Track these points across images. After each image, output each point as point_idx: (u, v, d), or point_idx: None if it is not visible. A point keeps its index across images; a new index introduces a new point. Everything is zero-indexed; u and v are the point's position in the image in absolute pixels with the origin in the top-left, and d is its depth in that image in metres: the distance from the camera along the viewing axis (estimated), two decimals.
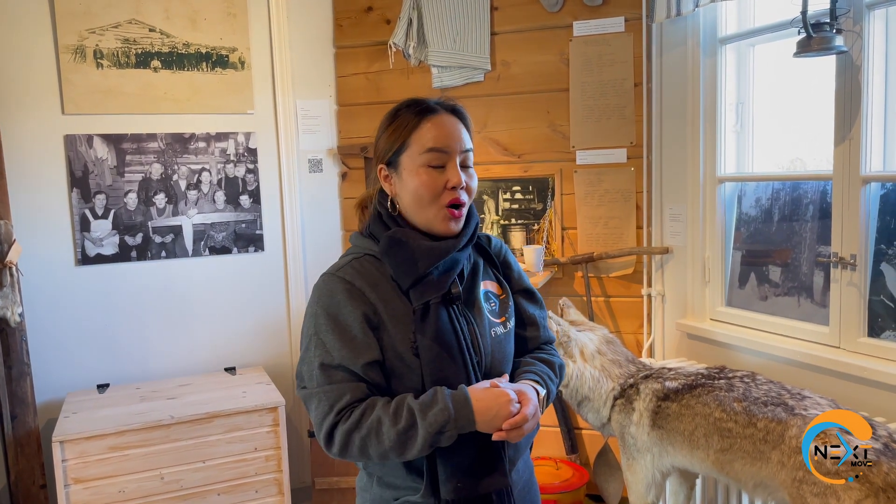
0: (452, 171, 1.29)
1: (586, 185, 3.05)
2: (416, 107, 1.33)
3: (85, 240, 2.99)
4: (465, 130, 1.34)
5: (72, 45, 2.92)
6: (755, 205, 2.69)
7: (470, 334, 1.32)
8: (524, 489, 1.43)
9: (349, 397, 1.24)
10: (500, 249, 1.49)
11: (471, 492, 1.28)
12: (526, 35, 3.07)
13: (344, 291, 1.29)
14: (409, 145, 1.31)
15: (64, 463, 2.46)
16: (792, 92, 2.60)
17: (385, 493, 1.35)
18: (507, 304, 1.41)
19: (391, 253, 1.31)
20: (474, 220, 1.38)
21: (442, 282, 1.30)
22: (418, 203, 1.30)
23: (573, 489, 2.89)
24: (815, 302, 2.42)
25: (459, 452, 1.27)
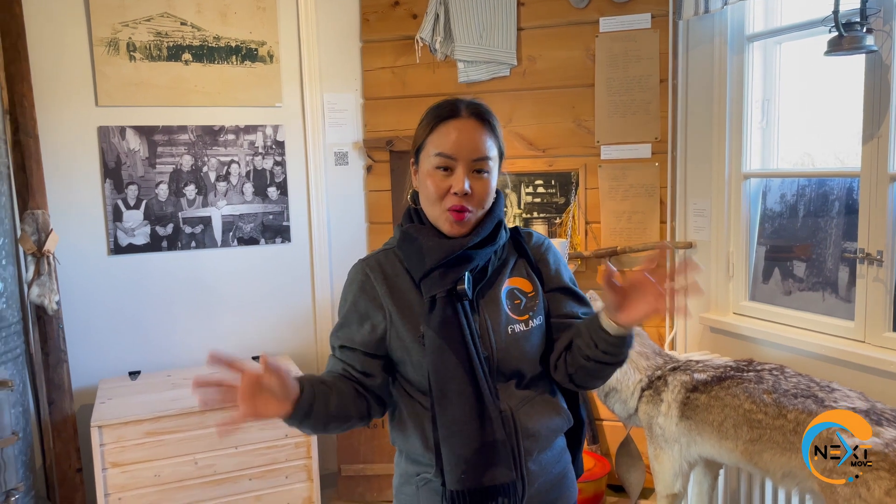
0: (456, 178, 1.32)
1: (611, 179, 3.09)
2: (443, 109, 1.37)
3: (117, 230, 3.04)
4: (487, 136, 1.36)
5: (105, 38, 2.97)
6: (780, 201, 2.73)
7: (480, 330, 1.36)
8: (551, 484, 1.43)
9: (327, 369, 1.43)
10: (539, 246, 1.49)
11: (474, 483, 1.31)
12: (552, 30, 3.10)
13: (358, 281, 1.42)
14: (425, 146, 1.37)
15: (102, 447, 2.52)
16: (818, 90, 2.63)
17: (410, 468, 1.42)
18: (534, 302, 1.43)
19: (404, 247, 1.40)
20: (494, 219, 1.40)
21: (448, 277, 1.34)
22: (427, 201, 1.37)
23: (594, 479, 2.94)
24: (839, 297, 2.46)
25: (463, 442, 1.31)
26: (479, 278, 1.39)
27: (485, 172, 1.35)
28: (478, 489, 1.32)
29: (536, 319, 1.41)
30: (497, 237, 1.41)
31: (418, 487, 1.40)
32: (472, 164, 1.34)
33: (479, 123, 1.36)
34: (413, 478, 1.41)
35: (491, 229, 1.39)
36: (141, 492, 2.58)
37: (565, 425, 1.46)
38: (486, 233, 1.38)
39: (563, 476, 1.47)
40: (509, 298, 1.40)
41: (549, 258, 1.48)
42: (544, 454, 1.42)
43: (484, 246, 1.38)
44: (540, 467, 1.41)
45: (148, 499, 2.59)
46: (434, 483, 1.36)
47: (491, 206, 1.40)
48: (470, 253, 1.36)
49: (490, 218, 1.39)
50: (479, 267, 1.39)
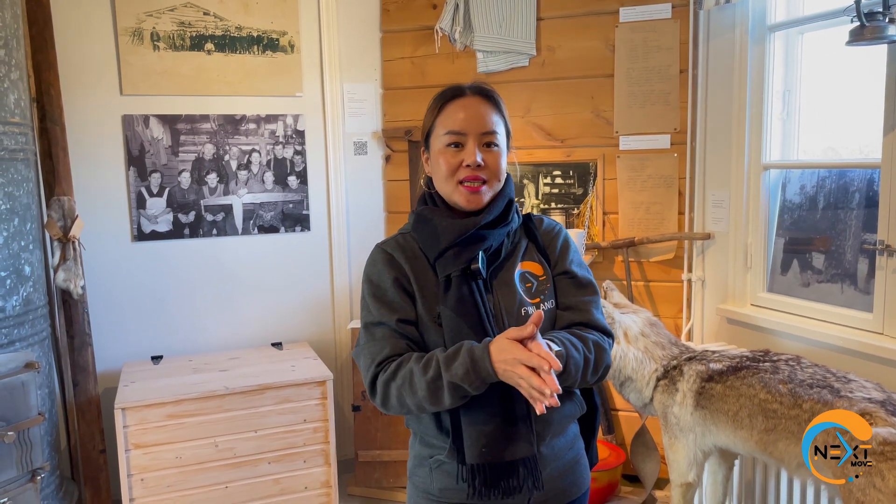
0: (468, 150, 1.37)
1: (629, 170, 3.09)
2: (447, 92, 1.42)
3: (141, 217, 3.10)
4: (493, 112, 1.40)
5: (130, 28, 3.01)
6: (800, 192, 2.71)
7: (494, 310, 1.38)
8: (563, 469, 1.44)
9: (388, 351, 1.36)
10: (550, 230, 1.51)
11: (496, 457, 1.33)
12: (572, 20, 3.10)
13: (383, 261, 1.42)
14: (434, 128, 1.41)
15: (125, 429, 2.57)
16: (841, 80, 2.61)
17: (423, 451, 1.44)
18: (545, 286, 1.44)
19: (419, 229, 1.43)
20: (505, 199, 1.42)
21: (463, 256, 1.37)
22: (441, 179, 1.40)
23: (609, 468, 2.96)
24: (858, 289, 2.44)
25: (484, 418, 1.33)
26: (492, 260, 1.41)
27: (494, 146, 1.39)
28: (499, 464, 1.34)
29: (548, 303, 1.43)
30: (509, 217, 1.43)
31: (432, 469, 1.42)
32: (482, 138, 1.38)
33: (483, 100, 1.41)
34: (427, 460, 1.43)
35: (503, 208, 1.42)
36: (162, 473, 2.63)
37: (578, 411, 1.48)
38: (499, 211, 1.41)
39: (575, 462, 1.48)
40: (522, 281, 1.43)
41: (558, 242, 1.49)
42: (557, 440, 1.44)
43: (497, 226, 1.41)
44: (552, 452, 1.43)
45: (169, 480, 2.64)
46: (447, 465, 1.39)
47: (502, 186, 1.43)
48: (483, 233, 1.39)
49: (502, 196, 1.42)
50: (493, 249, 1.41)
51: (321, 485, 2.84)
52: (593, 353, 1.39)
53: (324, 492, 2.85)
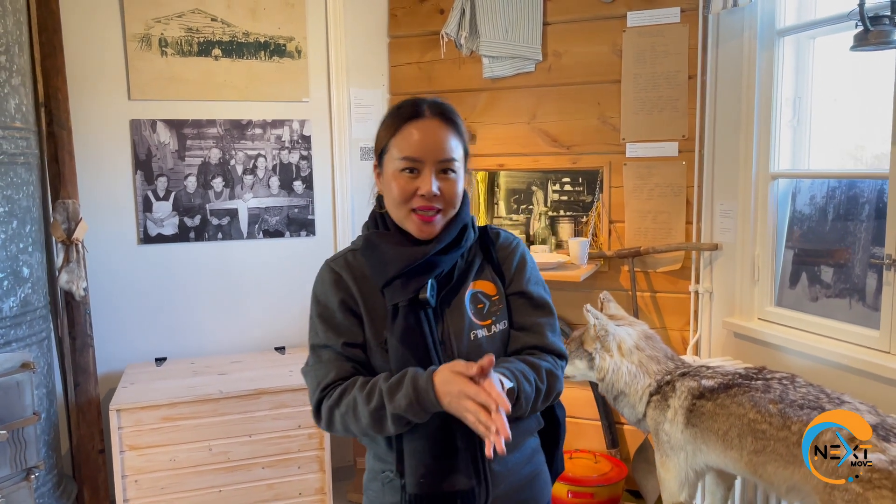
0: (424, 179, 1.30)
1: (636, 178, 3.01)
2: (405, 109, 1.34)
3: (147, 220, 3.14)
4: (452, 136, 1.33)
5: (138, 34, 3.06)
6: (809, 202, 2.61)
7: (442, 337, 1.34)
8: (520, 485, 1.41)
9: (334, 374, 1.33)
10: (506, 246, 1.45)
11: (434, 488, 1.30)
12: (579, 25, 3.05)
13: (330, 281, 1.38)
14: (389, 149, 1.34)
15: (120, 430, 2.60)
16: (853, 87, 2.51)
17: (376, 465, 1.42)
18: (498, 306, 1.39)
19: (367, 254, 1.38)
20: (459, 223, 1.37)
21: (411, 286, 1.32)
22: (393, 204, 1.34)
23: (610, 483, 2.88)
24: (866, 305, 2.34)
25: (424, 448, 1.30)
26: (445, 282, 1.37)
27: (451, 172, 1.33)
28: (436, 494, 1.31)
29: (500, 324, 1.39)
30: (463, 241, 1.38)
31: (384, 484, 1.40)
32: (439, 165, 1.32)
33: (443, 123, 1.33)
34: (379, 474, 1.41)
35: (455, 234, 1.36)
36: (157, 475, 2.65)
37: (534, 427, 1.44)
38: (451, 238, 1.36)
39: (533, 477, 1.45)
40: (473, 302, 1.38)
41: (514, 259, 1.44)
42: (511, 456, 1.40)
43: (449, 251, 1.36)
44: (506, 469, 1.39)
45: (163, 482, 2.66)
46: (396, 482, 1.36)
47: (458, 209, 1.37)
48: (434, 259, 1.34)
49: (455, 222, 1.37)
50: (445, 272, 1.36)
51: (315, 491, 2.83)
52: (545, 383, 1.36)
53: (318, 498, 2.84)
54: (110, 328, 3.10)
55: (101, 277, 3.06)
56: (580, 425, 3.22)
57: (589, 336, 2.35)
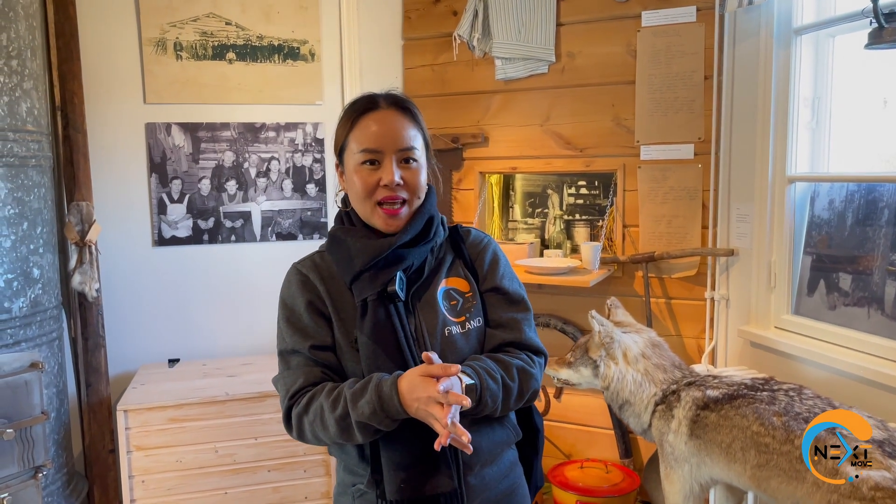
0: (385, 169, 1.29)
1: (650, 181, 2.94)
2: (360, 103, 1.33)
3: (161, 222, 3.17)
4: (410, 125, 1.32)
5: (154, 38, 3.09)
6: (828, 207, 2.51)
7: (415, 332, 1.31)
8: (496, 500, 1.37)
9: (302, 381, 1.29)
10: (477, 244, 1.44)
11: (415, 492, 1.26)
12: (592, 26, 2.99)
13: (298, 282, 1.36)
14: (348, 144, 1.33)
15: (127, 430, 2.62)
16: (875, 87, 2.40)
17: (347, 478, 1.38)
18: (471, 303, 1.37)
19: (332, 250, 1.36)
20: (424, 216, 1.35)
21: (379, 279, 1.29)
22: (357, 199, 1.33)
23: (621, 494, 2.81)
24: (885, 314, 2.23)
25: (402, 450, 1.26)
26: (415, 279, 1.34)
27: (412, 161, 1.32)
28: (418, 499, 1.27)
29: (474, 321, 1.36)
30: (430, 234, 1.36)
31: (354, 498, 1.36)
32: (400, 154, 1.30)
33: (399, 113, 1.33)
34: (349, 488, 1.37)
35: (422, 226, 1.34)
36: (163, 475, 2.67)
37: (511, 438, 1.40)
38: (417, 230, 1.34)
39: (511, 492, 1.40)
40: (446, 299, 1.35)
41: (486, 256, 1.42)
42: (488, 469, 1.36)
43: (417, 244, 1.33)
44: (482, 483, 1.35)
45: (170, 483, 2.67)
46: (369, 495, 1.32)
47: (422, 201, 1.35)
48: (401, 252, 1.32)
49: (421, 214, 1.35)
50: (415, 267, 1.34)
51: (321, 495, 2.82)
52: (516, 381, 1.32)
53: (324, 502, 2.82)
54: (125, 329, 3.14)
55: (116, 279, 3.10)
56: (592, 434, 3.16)
57: (594, 343, 2.29)
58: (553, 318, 3.12)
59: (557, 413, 3.17)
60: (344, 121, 1.35)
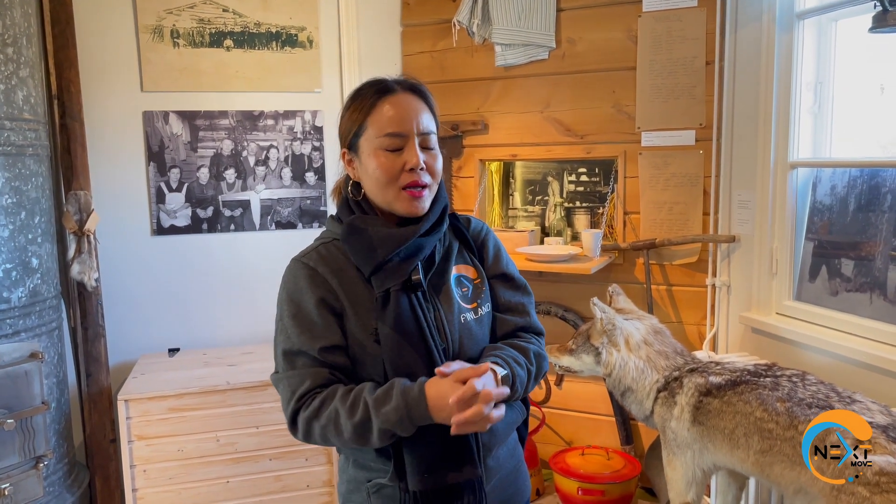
0: (410, 152, 1.26)
1: (651, 168, 2.93)
2: (374, 87, 1.30)
3: (160, 211, 3.15)
4: (426, 111, 1.30)
5: (150, 26, 3.06)
6: (830, 193, 2.50)
7: (435, 321, 1.30)
8: (506, 479, 1.39)
9: (310, 383, 1.24)
10: (479, 232, 1.45)
11: (439, 482, 1.25)
12: (593, 11, 2.97)
13: (306, 277, 1.30)
14: (366, 128, 1.29)
15: (128, 420, 2.62)
16: (878, 72, 2.39)
17: (359, 475, 1.35)
18: (480, 289, 1.37)
19: (351, 240, 1.30)
20: (441, 204, 1.35)
21: (402, 269, 1.27)
22: (378, 186, 1.28)
23: (623, 480, 2.81)
24: (888, 300, 2.23)
25: (425, 444, 1.24)
26: (428, 267, 1.33)
27: (432, 147, 1.31)
28: (442, 489, 1.26)
29: (485, 307, 1.37)
30: (443, 223, 1.36)
31: (370, 494, 1.33)
32: (422, 139, 1.28)
33: (415, 96, 1.31)
34: (364, 484, 1.34)
35: (439, 215, 1.34)
36: (165, 465, 2.67)
37: (520, 417, 1.42)
38: (436, 217, 1.33)
39: (517, 470, 1.43)
40: (457, 286, 1.35)
41: (489, 244, 1.44)
42: (501, 449, 1.38)
43: (431, 233, 1.32)
44: (497, 463, 1.37)
45: (171, 472, 2.67)
46: (389, 488, 1.30)
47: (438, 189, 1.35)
48: (420, 242, 1.30)
49: (438, 203, 1.34)
50: (427, 255, 1.33)
51: (323, 483, 2.82)
52: (535, 366, 1.36)
53: (326, 490, 2.82)
54: (125, 319, 3.13)
55: (115, 268, 3.09)
56: (594, 421, 3.16)
57: (596, 330, 2.28)
58: (554, 306, 3.12)
59: (558, 400, 3.17)
60: (356, 106, 1.31)
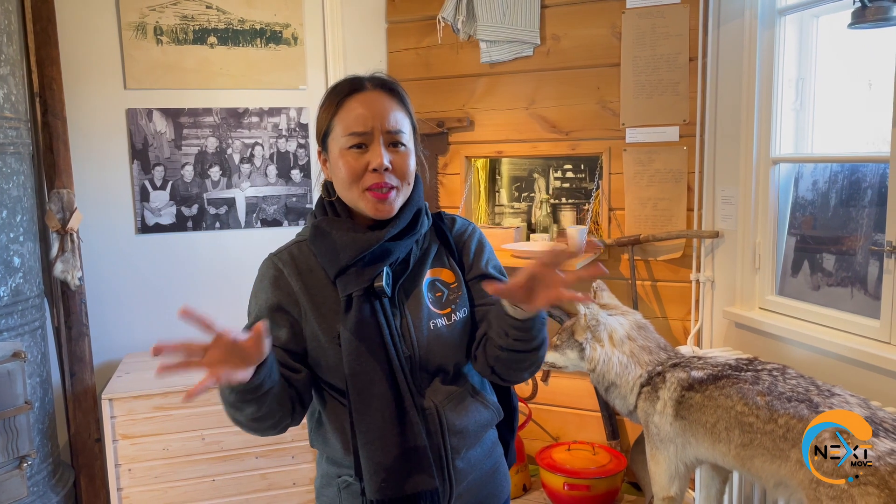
0: (374, 152, 1.23)
1: (636, 164, 2.94)
2: (343, 86, 1.28)
3: (144, 209, 3.14)
4: (397, 109, 1.26)
5: (133, 23, 3.04)
6: (812, 188, 2.52)
7: (401, 328, 1.28)
8: (482, 480, 1.37)
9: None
10: (462, 232, 1.40)
11: (395, 491, 1.23)
12: (577, 7, 2.97)
13: (270, 278, 1.30)
14: (333, 128, 1.27)
15: (113, 419, 2.61)
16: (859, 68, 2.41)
17: (331, 470, 1.36)
18: (457, 294, 1.34)
19: (317, 243, 1.29)
20: (413, 207, 1.31)
21: (366, 274, 1.25)
22: (343, 186, 1.26)
23: (608, 475, 2.83)
24: (868, 294, 2.25)
25: (382, 449, 1.23)
26: (401, 271, 1.31)
27: (401, 145, 1.26)
28: (399, 498, 1.25)
29: (460, 312, 1.33)
30: (417, 226, 1.32)
31: (340, 489, 1.33)
32: (388, 137, 1.24)
33: (386, 95, 1.27)
34: (334, 479, 1.35)
35: (410, 219, 1.30)
36: (150, 464, 2.66)
37: (495, 419, 1.39)
38: (406, 222, 1.29)
39: (494, 471, 1.41)
40: (431, 291, 1.32)
41: (472, 245, 1.39)
42: (473, 451, 1.35)
43: (403, 237, 1.29)
44: (469, 465, 1.34)
45: (157, 471, 2.66)
46: (355, 486, 1.30)
47: (410, 192, 1.31)
48: (388, 246, 1.27)
49: (409, 206, 1.30)
50: (400, 259, 1.30)
51: (309, 481, 2.82)
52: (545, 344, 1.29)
53: (311, 488, 2.80)
54: (109, 318, 3.11)
55: (99, 267, 3.07)
56: (580, 416, 3.17)
57: (580, 326, 2.29)
58: None
59: (545, 396, 3.18)
60: (327, 104, 1.29)
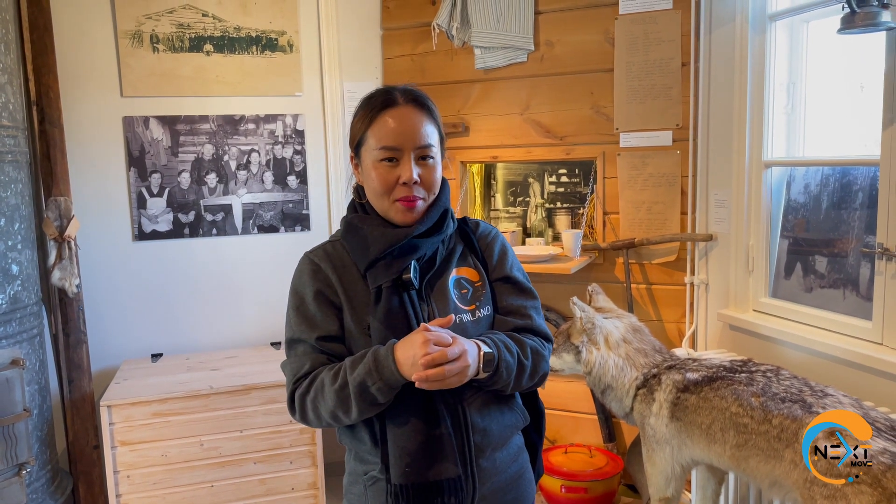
0: (404, 167, 1.31)
1: (630, 168, 2.97)
2: (377, 99, 1.35)
3: (141, 216, 3.15)
4: (428, 123, 1.34)
5: (130, 31, 3.06)
6: (804, 191, 2.55)
7: (428, 319, 1.34)
8: (507, 484, 1.39)
9: (308, 366, 1.32)
10: (485, 236, 1.48)
11: (419, 477, 1.27)
12: (570, 14, 3.00)
13: (308, 272, 1.38)
14: (366, 140, 1.35)
15: (111, 426, 2.61)
16: (848, 71, 2.44)
17: (358, 468, 1.40)
18: (481, 292, 1.41)
19: (348, 237, 1.38)
20: (440, 207, 1.38)
21: (395, 267, 1.33)
22: (374, 195, 1.35)
23: (605, 478, 2.85)
24: (860, 295, 2.28)
25: (407, 435, 1.28)
26: (427, 268, 1.38)
27: (430, 158, 1.35)
28: (422, 484, 1.29)
29: (484, 309, 1.40)
30: (444, 226, 1.39)
31: (366, 487, 1.37)
32: (418, 152, 1.33)
33: (417, 109, 1.34)
34: (361, 477, 1.39)
35: (437, 218, 1.38)
36: (149, 470, 2.66)
37: (520, 422, 1.43)
38: (432, 222, 1.37)
39: (519, 476, 1.43)
40: (456, 288, 1.39)
41: (495, 248, 1.47)
42: (499, 452, 1.39)
43: (430, 235, 1.37)
44: (493, 465, 1.38)
45: (155, 477, 2.67)
46: (381, 482, 1.34)
47: (437, 194, 1.38)
48: (416, 242, 1.35)
49: (436, 206, 1.38)
50: (427, 256, 1.37)
51: (308, 486, 2.83)
52: (530, 360, 1.36)
53: (311, 493, 2.83)
54: (107, 325, 3.12)
55: (97, 274, 3.08)
56: (577, 419, 3.19)
57: (576, 329, 2.31)
58: None
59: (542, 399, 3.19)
60: (361, 115, 1.36)
